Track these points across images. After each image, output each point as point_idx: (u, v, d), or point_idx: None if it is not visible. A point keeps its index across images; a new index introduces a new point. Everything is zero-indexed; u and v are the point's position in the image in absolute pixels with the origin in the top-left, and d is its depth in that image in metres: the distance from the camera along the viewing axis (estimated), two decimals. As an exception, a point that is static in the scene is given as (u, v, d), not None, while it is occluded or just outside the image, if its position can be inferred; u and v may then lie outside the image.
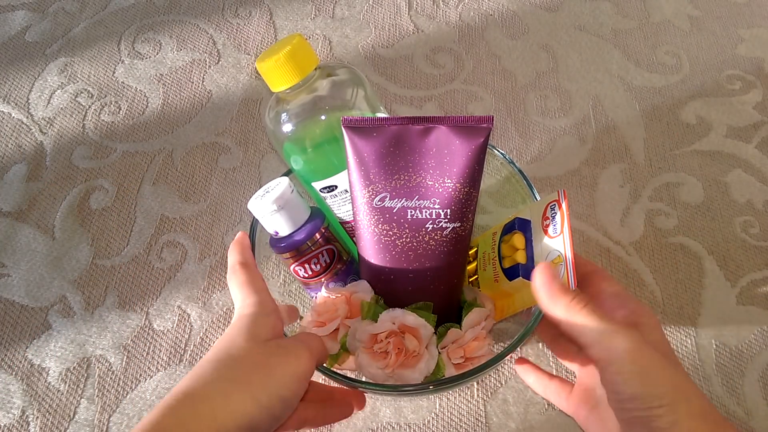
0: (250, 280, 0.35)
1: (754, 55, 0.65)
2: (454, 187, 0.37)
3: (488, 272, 0.42)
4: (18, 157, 0.58)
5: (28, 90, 0.63)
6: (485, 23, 0.68)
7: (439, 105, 0.62)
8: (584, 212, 0.54)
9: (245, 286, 0.34)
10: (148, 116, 0.61)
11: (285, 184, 0.39)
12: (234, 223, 0.54)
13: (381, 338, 0.36)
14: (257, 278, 0.35)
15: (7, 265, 0.52)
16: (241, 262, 0.36)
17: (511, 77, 0.64)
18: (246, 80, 0.64)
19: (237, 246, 0.37)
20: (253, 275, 0.35)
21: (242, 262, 0.36)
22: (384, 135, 0.37)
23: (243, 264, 0.36)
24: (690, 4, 0.70)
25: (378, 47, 0.66)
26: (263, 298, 0.34)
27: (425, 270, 0.38)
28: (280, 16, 0.69)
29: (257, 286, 0.34)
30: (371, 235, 0.38)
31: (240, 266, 0.35)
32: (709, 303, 0.49)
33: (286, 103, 0.39)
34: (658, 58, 0.65)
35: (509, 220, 0.42)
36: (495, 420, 0.45)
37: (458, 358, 0.38)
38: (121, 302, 0.50)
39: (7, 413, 0.45)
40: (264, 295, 0.34)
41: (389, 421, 0.45)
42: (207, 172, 0.57)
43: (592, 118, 0.60)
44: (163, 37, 0.67)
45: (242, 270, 0.35)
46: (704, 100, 0.62)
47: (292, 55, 0.37)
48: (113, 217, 0.55)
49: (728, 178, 0.56)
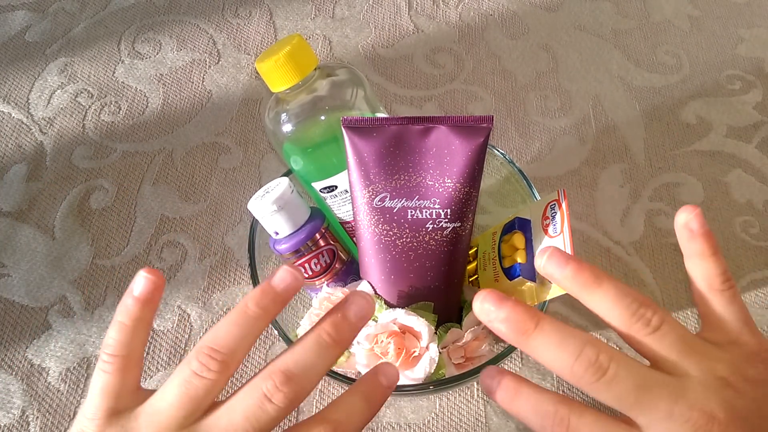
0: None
1: (754, 55, 0.65)
2: (454, 187, 0.37)
3: (488, 272, 0.42)
4: (18, 157, 0.58)
5: (28, 90, 0.63)
6: (485, 23, 0.68)
7: (439, 105, 0.62)
8: (584, 212, 0.54)
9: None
10: (148, 116, 0.61)
11: (285, 185, 0.39)
12: (234, 223, 0.54)
13: (381, 338, 0.36)
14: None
15: (7, 265, 0.52)
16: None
17: (511, 77, 0.64)
18: (246, 80, 0.64)
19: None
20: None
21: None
22: (384, 135, 0.37)
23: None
24: (690, 4, 0.70)
25: (378, 47, 0.66)
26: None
27: (425, 270, 0.38)
28: (280, 16, 0.69)
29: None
30: (371, 235, 0.38)
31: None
32: (709, 303, 0.49)
33: (285, 103, 0.39)
34: (658, 58, 0.65)
35: (509, 220, 0.42)
36: (495, 420, 0.45)
37: (458, 357, 0.38)
38: (121, 302, 0.50)
39: (7, 413, 0.45)
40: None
41: (389, 421, 0.45)
42: (207, 172, 0.57)
43: (592, 118, 0.60)
44: (163, 37, 0.67)
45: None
46: (704, 100, 0.62)
47: (291, 55, 0.37)
48: (113, 217, 0.55)
49: (728, 178, 0.56)
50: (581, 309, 0.49)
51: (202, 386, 0.26)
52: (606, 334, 0.48)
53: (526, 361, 0.47)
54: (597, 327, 0.48)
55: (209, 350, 0.26)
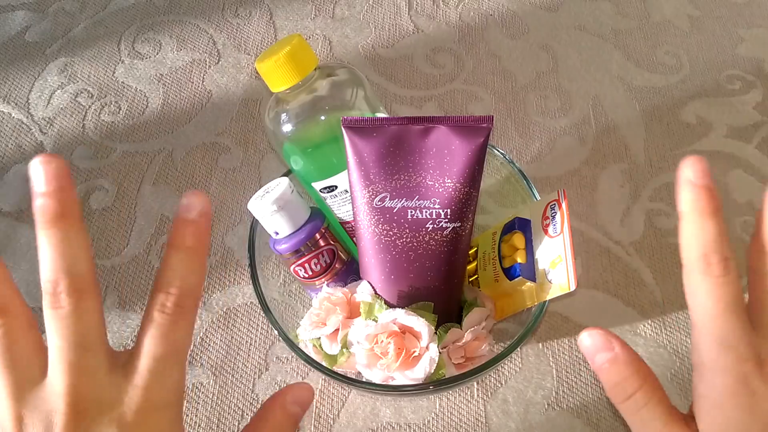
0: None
1: (754, 55, 0.65)
2: (454, 187, 0.37)
3: (488, 272, 0.42)
4: (18, 157, 0.58)
5: (28, 90, 0.63)
6: (485, 23, 0.68)
7: (439, 105, 0.62)
8: (584, 212, 0.54)
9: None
10: (148, 116, 0.61)
11: (285, 185, 0.39)
12: (234, 223, 0.54)
13: (381, 338, 0.36)
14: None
15: (7, 265, 0.52)
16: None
17: (511, 77, 0.64)
18: (246, 80, 0.64)
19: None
20: None
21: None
22: (384, 135, 0.37)
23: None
24: (690, 4, 0.70)
25: (378, 47, 0.66)
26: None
27: (425, 270, 0.38)
28: (280, 16, 0.69)
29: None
30: (371, 235, 0.38)
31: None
32: (709, 303, 0.49)
33: (285, 103, 0.39)
34: (658, 58, 0.65)
35: (509, 220, 0.42)
36: (495, 420, 0.45)
37: (459, 357, 0.38)
38: (121, 302, 0.50)
39: (7, 413, 0.45)
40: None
41: (389, 421, 0.45)
42: (207, 172, 0.57)
43: (592, 118, 0.60)
44: (163, 37, 0.67)
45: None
46: (704, 100, 0.62)
47: (291, 55, 0.37)
48: (113, 217, 0.55)
49: (728, 178, 0.56)
50: (581, 309, 0.49)
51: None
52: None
53: (526, 361, 0.47)
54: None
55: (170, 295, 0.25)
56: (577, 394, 0.46)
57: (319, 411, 0.45)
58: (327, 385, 0.46)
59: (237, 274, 0.52)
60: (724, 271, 0.24)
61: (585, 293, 0.50)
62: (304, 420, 0.45)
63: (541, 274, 0.38)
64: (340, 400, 0.46)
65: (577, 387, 0.46)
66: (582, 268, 0.51)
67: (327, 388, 0.46)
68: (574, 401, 0.45)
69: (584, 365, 0.47)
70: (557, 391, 0.46)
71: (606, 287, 0.50)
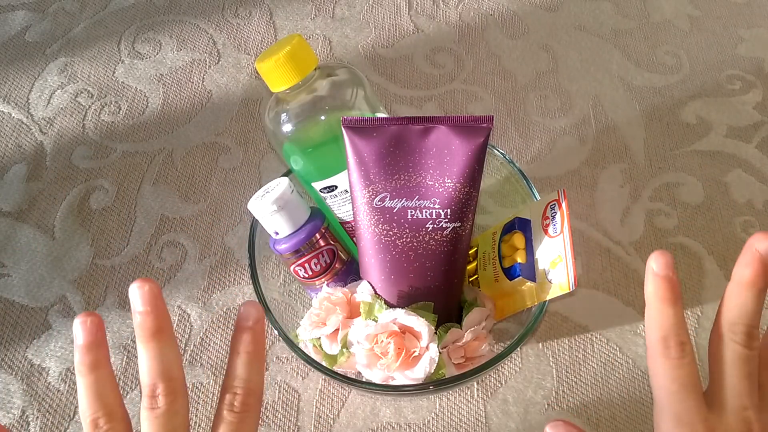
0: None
1: (754, 55, 0.65)
2: (454, 187, 0.37)
3: (488, 272, 0.42)
4: (18, 157, 0.58)
5: (28, 90, 0.63)
6: (485, 23, 0.68)
7: (439, 105, 0.62)
8: (584, 212, 0.54)
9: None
10: (148, 116, 0.61)
11: (285, 185, 0.39)
12: (234, 223, 0.54)
13: (381, 338, 0.36)
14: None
15: (7, 265, 0.52)
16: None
17: (511, 77, 0.64)
18: (246, 80, 0.64)
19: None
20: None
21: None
22: (384, 135, 0.37)
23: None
24: (690, 4, 0.70)
25: (378, 47, 0.66)
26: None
27: (425, 270, 0.38)
28: (280, 16, 0.69)
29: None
30: (371, 235, 0.38)
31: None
32: (709, 303, 0.49)
33: (285, 103, 0.39)
34: (658, 58, 0.65)
35: (509, 220, 0.42)
36: (495, 420, 0.45)
37: (459, 357, 0.38)
38: (121, 302, 0.50)
39: (7, 413, 0.45)
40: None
41: (389, 421, 0.45)
42: (207, 172, 0.57)
43: (592, 118, 0.60)
44: (163, 37, 0.67)
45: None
46: (704, 100, 0.62)
47: (291, 55, 0.37)
48: (113, 217, 0.55)
49: (728, 178, 0.56)
50: (581, 309, 0.49)
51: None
52: (606, 334, 0.48)
53: (526, 361, 0.47)
54: (597, 327, 0.48)
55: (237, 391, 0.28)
56: (577, 394, 0.46)
57: (319, 411, 0.45)
58: (327, 385, 0.46)
59: (237, 274, 0.52)
60: (680, 354, 0.26)
61: (585, 293, 0.50)
62: (305, 420, 0.45)
63: (541, 274, 0.38)
64: (340, 400, 0.46)
65: (577, 387, 0.46)
66: (582, 268, 0.51)
67: (327, 388, 0.46)
68: (574, 401, 0.45)
69: (584, 365, 0.47)
70: (557, 391, 0.46)
71: (606, 287, 0.50)
